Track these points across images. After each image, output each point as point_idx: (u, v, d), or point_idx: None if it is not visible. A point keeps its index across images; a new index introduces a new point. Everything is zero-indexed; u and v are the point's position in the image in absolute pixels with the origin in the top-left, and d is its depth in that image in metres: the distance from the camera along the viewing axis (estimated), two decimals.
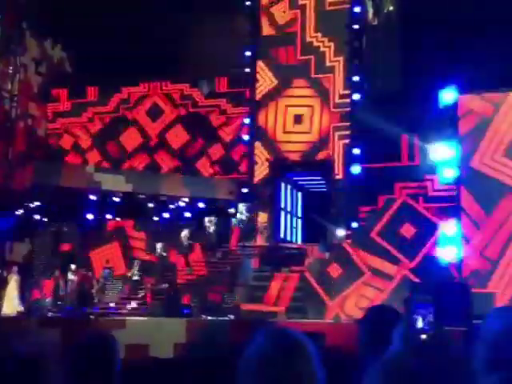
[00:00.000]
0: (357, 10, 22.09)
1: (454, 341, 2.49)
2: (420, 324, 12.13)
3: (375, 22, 23.94)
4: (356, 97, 21.62)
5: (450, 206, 18.72)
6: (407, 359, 2.03)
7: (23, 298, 20.69)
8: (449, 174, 18.45)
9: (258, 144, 22.68)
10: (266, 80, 23.00)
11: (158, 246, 22.51)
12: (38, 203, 22.20)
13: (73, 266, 24.24)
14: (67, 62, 29.93)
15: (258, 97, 22.98)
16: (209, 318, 18.04)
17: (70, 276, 21.22)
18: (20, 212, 22.41)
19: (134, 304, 20.77)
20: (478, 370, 2.33)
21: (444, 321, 12.19)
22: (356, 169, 20.92)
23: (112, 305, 21.44)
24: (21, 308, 19.65)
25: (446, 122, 18.43)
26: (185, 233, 22.16)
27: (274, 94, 22.83)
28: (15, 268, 20.61)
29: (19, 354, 3.44)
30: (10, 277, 20.26)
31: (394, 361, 2.04)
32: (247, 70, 23.47)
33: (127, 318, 17.52)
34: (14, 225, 22.31)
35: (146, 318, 17.85)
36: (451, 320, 12.10)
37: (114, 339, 3.23)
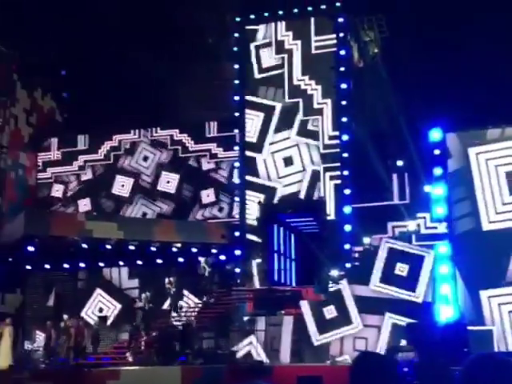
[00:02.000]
0: (342, 52, 22.49)
1: None
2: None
3: (361, 64, 24.35)
4: (345, 137, 21.82)
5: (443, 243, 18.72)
6: None
7: (16, 350, 20.33)
8: (440, 211, 18.52)
9: (249, 187, 22.72)
10: (254, 123, 23.19)
11: (147, 294, 22.12)
12: (28, 253, 22.02)
13: (65, 316, 23.94)
14: (57, 111, 30.16)
15: (248, 140, 23.14)
16: (204, 364, 17.73)
17: (62, 326, 20.90)
18: (10, 262, 22.20)
19: (128, 353, 20.40)
20: None
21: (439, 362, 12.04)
22: (347, 209, 20.96)
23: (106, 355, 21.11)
24: (12, 361, 19.27)
25: (435, 161, 18.59)
26: (167, 280, 21.86)
27: (262, 137, 22.98)
28: (8, 320, 20.28)
29: None
30: (3, 329, 19.90)
31: None
32: (236, 114, 23.69)
33: (121, 367, 17.23)
34: (4, 276, 22.07)
35: (140, 367, 17.55)
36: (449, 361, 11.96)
37: None
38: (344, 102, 22.10)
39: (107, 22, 28.05)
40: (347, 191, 21.25)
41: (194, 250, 22.72)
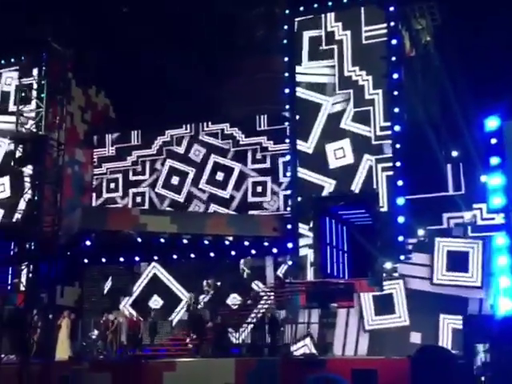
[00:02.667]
0: (394, 42, 22.13)
1: None
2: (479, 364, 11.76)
3: (413, 53, 23.91)
4: (397, 128, 21.50)
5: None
6: None
7: (75, 341, 20.88)
8: (497, 201, 18.08)
9: (300, 180, 22.64)
10: (304, 116, 23.06)
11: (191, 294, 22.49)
12: (85, 247, 22.56)
13: (122, 308, 24.49)
14: (111, 108, 30.77)
15: (299, 133, 23.03)
16: (258, 357, 17.84)
17: (119, 318, 21.37)
18: (68, 256, 22.75)
19: (183, 345, 20.70)
20: None
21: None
22: (401, 200, 20.67)
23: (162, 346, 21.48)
24: (71, 352, 19.82)
25: (491, 150, 18.15)
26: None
27: (313, 130, 22.85)
28: (66, 312, 20.87)
29: None
30: (62, 321, 20.50)
31: None
32: (287, 106, 23.61)
33: (177, 359, 17.51)
34: (62, 269, 22.65)
35: (195, 359, 17.80)
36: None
37: None
38: (396, 92, 21.75)
39: (157, 19, 28.40)
40: (400, 182, 20.94)
41: (246, 243, 22.83)
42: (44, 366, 15.50)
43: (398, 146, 21.43)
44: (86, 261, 24.86)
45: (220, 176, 27.39)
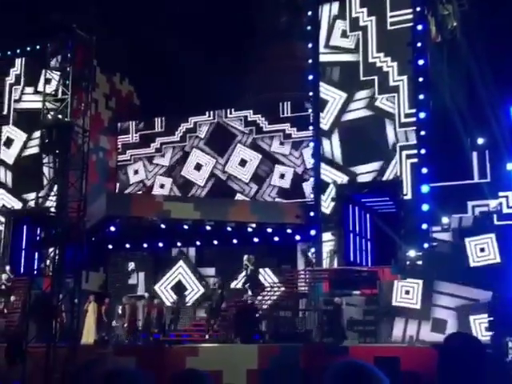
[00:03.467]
0: (419, 28, 21.82)
1: None
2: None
3: (439, 39, 23.58)
4: (422, 115, 21.27)
5: None
6: None
7: (100, 326, 21.17)
8: None
9: (323, 167, 22.55)
10: (328, 103, 22.90)
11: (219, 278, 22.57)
12: (110, 233, 22.78)
13: (146, 294, 24.71)
14: (135, 94, 30.91)
15: (322, 121, 22.89)
16: (280, 343, 17.90)
17: (144, 303, 21.60)
18: (93, 242, 23.02)
19: (206, 331, 20.86)
20: None
21: None
22: (425, 188, 20.50)
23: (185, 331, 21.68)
24: (96, 336, 20.09)
25: None
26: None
27: (337, 117, 22.71)
28: (92, 297, 21.16)
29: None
30: (88, 306, 20.80)
31: None
32: (310, 93, 23.48)
33: (200, 344, 17.65)
34: (87, 255, 22.94)
35: (218, 345, 17.93)
36: None
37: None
38: (421, 79, 21.47)
39: (180, 7, 28.39)
40: (424, 170, 20.75)
41: (269, 230, 22.87)
42: (70, 349, 15.75)
43: (422, 133, 21.20)
44: (110, 246, 25.14)
45: (243, 163, 27.42)
